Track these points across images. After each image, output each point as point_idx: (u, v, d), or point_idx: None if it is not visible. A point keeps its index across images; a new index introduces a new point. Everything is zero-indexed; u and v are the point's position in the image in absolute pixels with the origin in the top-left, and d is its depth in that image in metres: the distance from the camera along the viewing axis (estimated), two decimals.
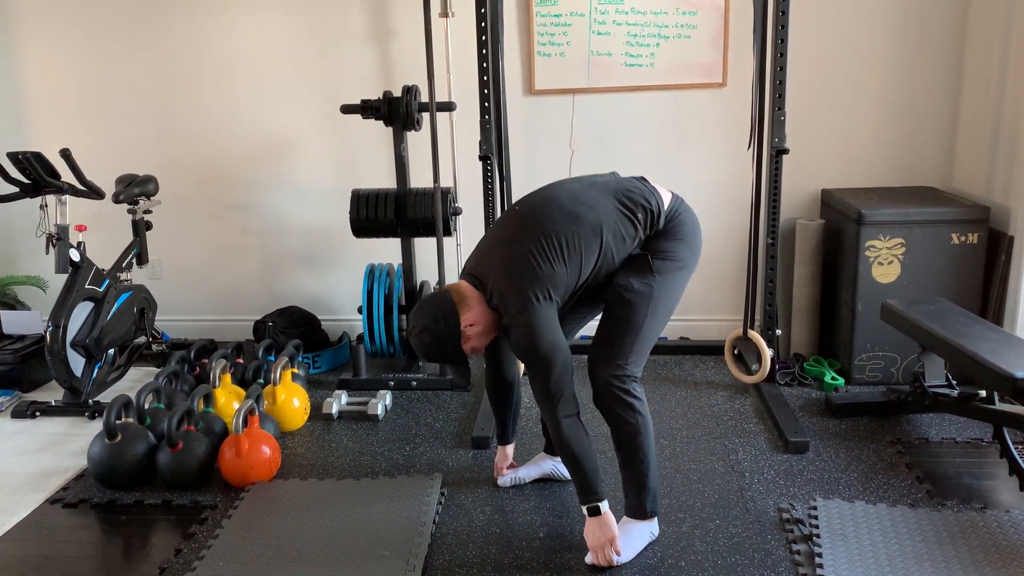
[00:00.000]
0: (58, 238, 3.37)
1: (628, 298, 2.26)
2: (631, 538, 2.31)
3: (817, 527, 2.40)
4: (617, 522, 2.29)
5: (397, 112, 3.50)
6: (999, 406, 2.75)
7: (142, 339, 3.87)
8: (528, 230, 2.20)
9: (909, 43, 3.64)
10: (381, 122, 3.61)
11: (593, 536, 2.25)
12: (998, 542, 2.30)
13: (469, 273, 2.29)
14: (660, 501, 2.38)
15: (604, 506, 2.25)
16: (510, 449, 2.73)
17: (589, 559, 2.27)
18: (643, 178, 2.38)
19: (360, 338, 3.79)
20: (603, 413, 2.31)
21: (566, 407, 2.21)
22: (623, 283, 2.27)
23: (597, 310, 2.44)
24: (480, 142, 3.47)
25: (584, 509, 2.26)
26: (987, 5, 3.43)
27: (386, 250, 4.04)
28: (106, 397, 3.53)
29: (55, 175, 3.38)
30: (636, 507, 2.32)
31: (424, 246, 3.89)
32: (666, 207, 2.32)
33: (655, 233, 2.31)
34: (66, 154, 3.32)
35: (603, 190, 2.29)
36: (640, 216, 2.27)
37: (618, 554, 2.25)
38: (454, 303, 2.21)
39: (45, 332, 3.35)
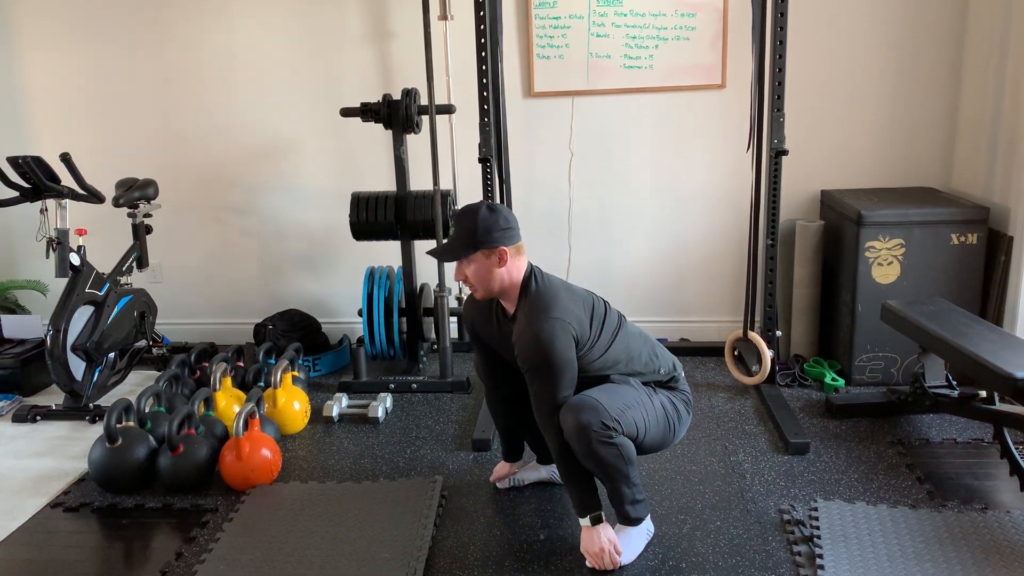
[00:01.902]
0: (58, 242, 3.37)
1: (633, 384, 2.32)
2: (630, 539, 2.31)
3: (818, 528, 2.39)
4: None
5: (397, 115, 3.50)
6: (999, 406, 2.75)
7: (142, 343, 3.88)
8: (596, 296, 2.39)
9: (908, 44, 3.65)
10: (381, 125, 3.61)
11: (595, 542, 2.25)
12: (999, 543, 2.30)
13: (532, 265, 2.34)
14: (648, 503, 2.37)
15: (603, 514, 2.26)
16: (516, 466, 2.73)
17: (590, 564, 2.27)
18: (677, 360, 2.53)
19: (360, 341, 3.79)
20: (577, 452, 2.18)
21: None
22: (633, 379, 2.34)
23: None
24: (479, 144, 3.47)
25: (587, 519, 2.26)
26: (986, 6, 3.43)
27: (386, 253, 4.04)
28: (107, 401, 3.53)
29: (55, 179, 3.38)
30: (627, 517, 2.32)
31: (424, 249, 3.88)
32: (682, 376, 2.48)
33: (668, 386, 2.43)
34: (66, 158, 3.32)
35: (646, 337, 2.45)
36: (663, 370, 2.41)
37: (619, 554, 2.25)
38: (517, 242, 2.27)
39: (46, 336, 3.35)
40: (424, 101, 3.56)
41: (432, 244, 3.70)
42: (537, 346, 2.17)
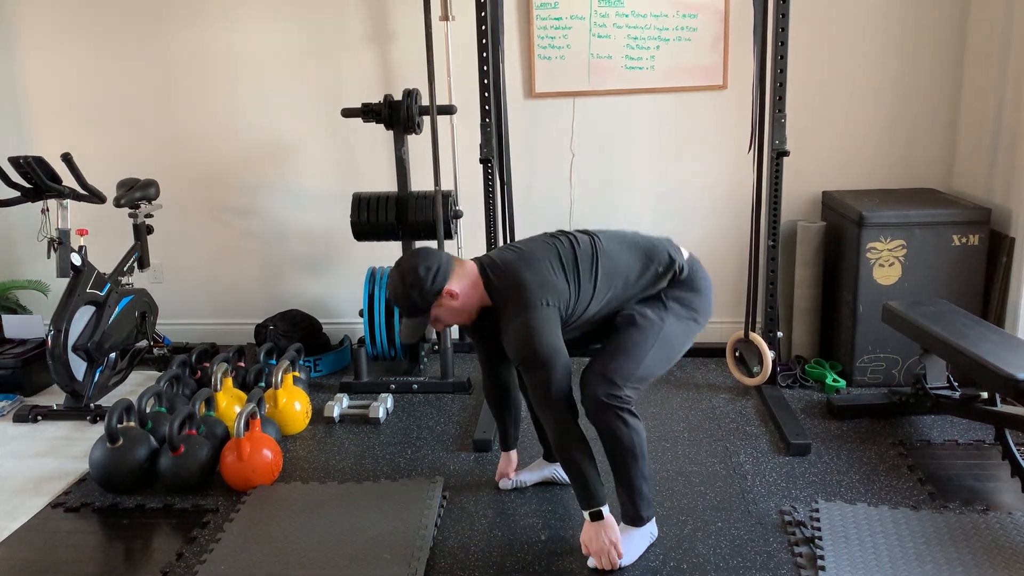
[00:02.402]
0: (60, 242, 3.37)
1: (639, 323, 2.30)
2: (632, 541, 2.31)
3: (819, 529, 2.39)
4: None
5: (398, 115, 3.50)
6: (1001, 408, 2.75)
7: (143, 343, 3.88)
8: (557, 238, 2.33)
9: (909, 44, 3.65)
10: (382, 125, 3.62)
11: (596, 540, 2.24)
12: (1000, 544, 2.30)
13: (479, 259, 2.33)
14: (654, 504, 2.38)
15: (606, 510, 2.25)
16: (514, 455, 2.73)
17: (592, 563, 2.27)
18: (668, 239, 2.45)
19: (361, 341, 3.79)
20: (596, 427, 2.25)
21: (566, 412, 2.21)
22: (637, 310, 2.32)
23: (601, 340, 2.40)
24: (481, 145, 3.47)
25: (587, 514, 2.26)
26: (987, 7, 3.43)
27: (387, 253, 4.04)
28: (107, 401, 3.53)
29: (57, 179, 3.38)
30: (633, 515, 2.32)
31: None
32: (686, 261, 2.41)
33: (674, 283, 2.38)
34: (67, 158, 3.32)
35: (630, 242, 2.39)
36: (661, 268, 2.36)
37: (620, 556, 2.25)
38: (451, 265, 2.26)
39: (47, 336, 3.35)
40: (425, 101, 3.56)
41: (432, 244, 3.69)
42: (523, 341, 2.18)
